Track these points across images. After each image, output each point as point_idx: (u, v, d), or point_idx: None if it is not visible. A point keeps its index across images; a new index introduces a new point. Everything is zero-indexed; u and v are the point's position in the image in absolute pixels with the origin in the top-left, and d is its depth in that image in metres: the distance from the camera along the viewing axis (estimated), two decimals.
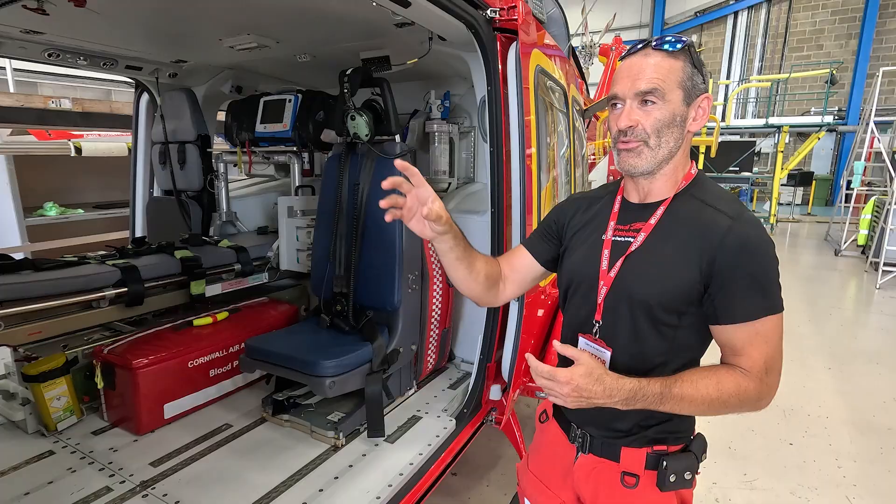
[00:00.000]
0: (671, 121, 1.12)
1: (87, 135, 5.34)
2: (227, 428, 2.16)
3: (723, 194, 1.18)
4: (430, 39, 2.24)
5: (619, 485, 1.21)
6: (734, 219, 1.09)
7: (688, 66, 1.12)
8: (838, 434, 3.43)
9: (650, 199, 1.21)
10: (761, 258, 1.08)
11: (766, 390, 1.11)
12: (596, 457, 1.25)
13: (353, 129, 2.23)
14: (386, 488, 1.79)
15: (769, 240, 1.10)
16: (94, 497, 1.69)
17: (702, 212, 1.13)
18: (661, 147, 1.13)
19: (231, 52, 2.60)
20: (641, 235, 1.17)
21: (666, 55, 1.11)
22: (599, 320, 1.22)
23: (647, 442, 1.20)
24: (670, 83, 1.10)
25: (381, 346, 2.17)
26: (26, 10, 1.91)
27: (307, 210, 2.89)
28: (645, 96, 1.10)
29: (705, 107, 1.15)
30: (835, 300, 6.76)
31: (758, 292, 1.08)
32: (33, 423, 2.06)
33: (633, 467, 1.20)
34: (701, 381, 1.08)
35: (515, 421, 2.61)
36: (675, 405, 1.08)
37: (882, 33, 15.52)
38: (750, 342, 1.10)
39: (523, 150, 2.17)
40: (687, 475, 1.19)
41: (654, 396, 1.06)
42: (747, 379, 1.09)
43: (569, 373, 1.04)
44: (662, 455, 1.19)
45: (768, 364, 1.10)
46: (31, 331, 2.06)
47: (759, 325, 1.09)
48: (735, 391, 1.08)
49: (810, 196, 15.77)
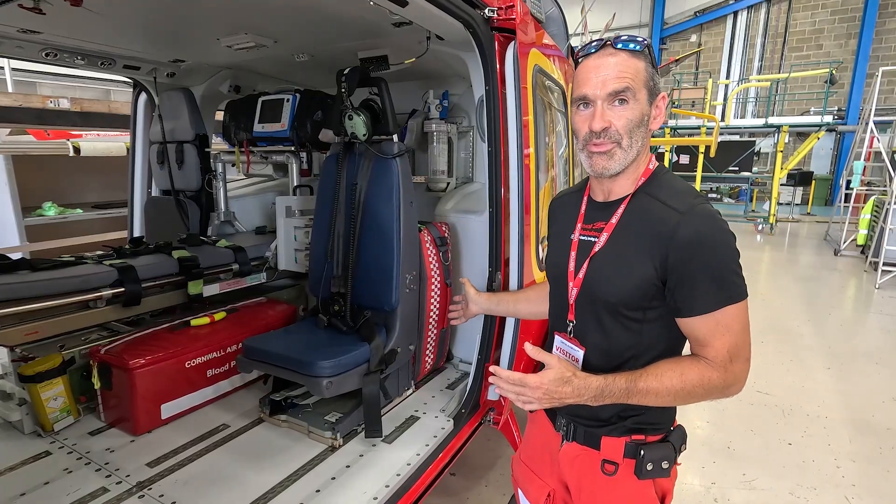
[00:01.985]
0: (640, 120, 1.14)
1: (86, 134, 5.33)
2: (224, 428, 2.15)
3: (678, 189, 1.19)
4: (428, 39, 2.24)
5: (600, 472, 1.26)
6: (683, 213, 1.11)
7: (649, 66, 1.14)
8: (837, 434, 3.43)
9: (612, 198, 1.24)
10: (712, 250, 1.09)
11: (732, 378, 1.13)
12: (579, 445, 1.30)
13: (351, 128, 2.23)
14: (383, 489, 1.78)
15: (722, 230, 1.11)
16: (90, 498, 1.68)
17: (655, 209, 1.16)
18: (633, 147, 1.15)
19: (229, 51, 2.60)
20: (604, 236, 1.22)
21: (629, 55, 1.12)
22: (573, 320, 1.28)
23: (626, 431, 1.24)
24: (638, 82, 1.12)
25: (379, 347, 2.17)
26: (23, 10, 1.90)
27: (305, 210, 2.88)
28: (618, 96, 1.11)
29: (661, 106, 1.18)
30: (834, 300, 6.76)
31: (713, 284, 1.09)
32: (30, 423, 2.05)
33: (612, 455, 1.25)
34: (665, 374, 1.12)
35: (514, 421, 2.61)
36: (642, 398, 1.12)
37: (881, 33, 15.53)
38: (711, 333, 1.12)
39: (521, 150, 2.17)
40: (664, 464, 1.23)
41: (621, 391, 1.11)
42: (711, 368, 1.12)
43: (538, 378, 1.11)
44: (640, 444, 1.23)
45: (731, 353, 1.11)
46: (28, 331, 2.05)
47: (720, 316, 1.10)
48: (699, 381, 1.11)
49: (810, 196, 15.78)
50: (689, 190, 1.19)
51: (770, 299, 6.59)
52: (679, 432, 1.29)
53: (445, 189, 2.97)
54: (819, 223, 12.97)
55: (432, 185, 2.96)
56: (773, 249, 9.91)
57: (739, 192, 15.89)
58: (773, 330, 5.40)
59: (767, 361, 4.61)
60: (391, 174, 2.22)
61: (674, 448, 1.25)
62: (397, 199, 2.21)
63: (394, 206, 2.21)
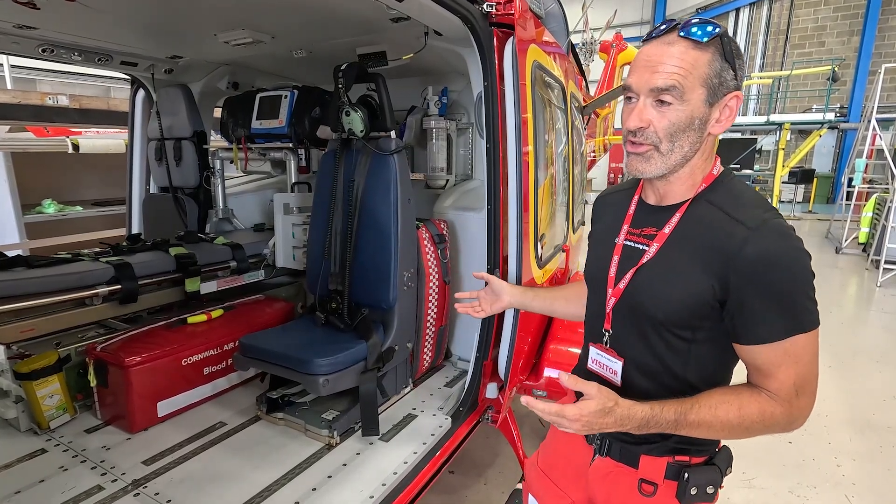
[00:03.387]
0: (688, 124, 1.00)
1: (86, 132, 5.32)
2: (220, 426, 2.15)
3: (746, 199, 1.05)
4: (426, 34, 2.22)
5: (636, 492, 1.16)
6: (752, 230, 0.97)
7: (717, 59, 0.98)
8: (838, 432, 3.42)
9: (666, 202, 1.12)
10: (782, 274, 0.96)
11: (798, 413, 1.01)
12: (614, 461, 1.20)
13: (348, 124, 2.21)
14: (380, 487, 1.77)
15: (797, 249, 0.97)
16: (84, 496, 1.67)
17: (718, 221, 1.02)
18: (674, 152, 1.02)
19: (227, 47, 2.58)
20: (654, 246, 1.09)
21: (692, 45, 0.97)
22: (609, 329, 1.17)
23: (669, 451, 1.14)
24: (692, 80, 0.97)
25: (376, 344, 2.16)
26: (18, 5, 1.90)
27: (303, 207, 2.87)
28: (661, 94, 0.98)
29: (733, 106, 1.02)
30: (835, 298, 6.74)
31: (782, 310, 0.97)
32: (26, 421, 2.04)
33: (651, 475, 1.15)
34: (721, 406, 1.01)
35: (512, 419, 2.60)
36: (692, 430, 1.02)
37: (884, 30, 15.45)
38: (776, 363, 1.00)
39: (520, 147, 2.15)
40: (709, 489, 1.14)
41: (669, 423, 1.01)
42: (774, 403, 1.01)
43: (577, 410, 0.99)
44: (684, 466, 1.13)
45: (798, 386, 1.00)
46: (24, 328, 2.05)
47: (787, 345, 0.98)
48: (759, 416, 1.00)
49: (811, 194, 15.72)
50: (759, 201, 1.05)
51: None
52: (725, 454, 1.19)
53: (444, 186, 2.96)
54: (821, 221, 12.94)
55: (431, 182, 2.95)
56: None
57: None
58: None
59: None
60: (389, 171, 2.20)
61: (720, 471, 1.15)
62: (395, 195, 2.19)
63: (391, 203, 2.19)
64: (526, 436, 2.99)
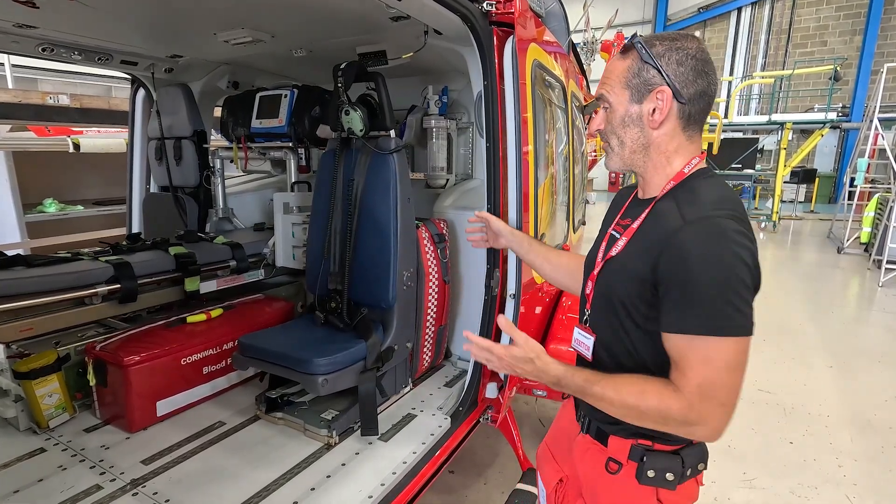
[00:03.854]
0: (621, 121, 1.16)
1: (86, 131, 5.32)
2: (219, 426, 2.14)
3: (703, 196, 1.09)
4: (426, 33, 2.22)
5: (604, 469, 1.25)
6: (688, 223, 1.03)
7: (635, 62, 1.12)
8: (839, 433, 3.41)
9: (645, 197, 1.24)
10: (702, 271, 0.99)
11: (696, 416, 1.01)
12: (591, 438, 1.31)
13: (348, 123, 2.21)
14: (379, 487, 1.77)
15: (726, 252, 0.99)
16: (83, 495, 1.67)
17: (669, 215, 1.09)
18: (624, 147, 1.18)
19: (227, 46, 2.58)
20: (624, 239, 1.21)
21: (618, 58, 1.16)
22: (589, 310, 1.30)
23: (633, 434, 1.21)
24: (614, 85, 1.15)
25: (376, 344, 2.15)
26: (17, 4, 1.89)
27: (303, 206, 2.86)
28: (601, 102, 1.19)
29: (662, 98, 1.10)
30: (837, 298, 6.73)
31: (694, 306, 1.00)
32: (25, 420, 2.04)
33: (617, 455, 1.23)
34: (626, 387, 1.08)
35: (512, 419, 2.59)
36: (596, 402, 1.12)
37: (887, 29, 15.41)
38: (685, 358, 1.03)
39: (520, 146, 2.15)
40: (669, 476, 1.18)
41: (576, 388, 1.12)
42: (674, 397, 1.03)
43: (503, 350, 1.15)
44: (646, 450, 1.20)
45: (703, 389, 1.00)
46: (23, 327, 2.05)
47: (699, 343, 1.00)
48: (656, 406, 1.04)
49: (813, 193, 15.70)
50: (714, 199, 1.07)
51: (772, 297, 6.56)
52: (696, 450, 1.21)
53: (444, 185, 2.95)
54: (822, 221, 12.92)
55: (431, 181, 2.94)
56: (776, 247, 9.87)
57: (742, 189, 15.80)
58: (774, 328, 5.38)
59: (769, 360, 4.59)
60: (388, 170, 2.20)
61: (682, 462, 1.18)
62: (394, 195, 2.19)
63: (391, 202, 2.19)
64: (526, 436, 2.98)
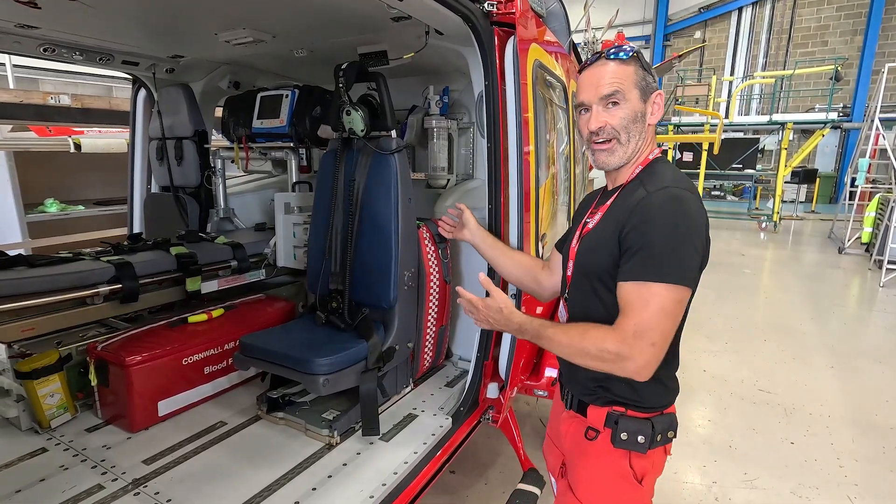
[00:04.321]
0: (633, 117, 1.29)
1: (88, 131, 5.33)
2: (221, 425, 2.14)
3: (663, 175, 1.28)
4: (427, 34, 2.22)
5: (584, 438, 1.40)
6: (650, 193, 1.23)
7: (639, 69, 1.29)
8: (840, 433, 3.40)
9: (616, 185, 1.40)
10: (655, 225, 1.18)
11: (628, 351, 1.15)
12: (573, 412, 1.45)
13: (349, 124, 2.21)
14: (380, 487, 1.77)
15: (677, 211, 1.19)
16: (85, 495, 1.67)
17: (635, 191, 1.29)
18: (630, 141, 1.30)
19: (228, 47, 2.58)
20: (597, 216, 1.38)
21: (619, 62, 1.28)
22: (568, 290, 1.47)
23: (607, 402, 1.35)
24: (628, 84, 1.28)
25: (377, 344, 2.15)
26: (19, 4, 1.90)
27: (304, 206, 2.87)
28: (609, 99, 1.28)
29: (659, 102, 1.32)
30: (838, 298, 6.72)
31: (645, 257, 1.17)
32: (27, 420, 2.05)
33: (595, 423, 1.37)
34: (572, 329, 1.25)
35: (513, 419, 2.59)
36: (547, 344, 1.29)
37: (888, 29, 15.41)
38: (629, 303, 1.18)
39: (521, 147, 2.15)
40: (639, 438, 1.31)
41: (533, 331, 1.30)
42: (613, 335, 1.17)
43: (482, 302, 1.39)
44: (619, 416, 1.33)
45: (638, 328, 1.15)
46: (25, 327, 2.05)
47: (642, 289, 1.16)
48: (592, 345, 1.18)
49: (814, 194, 15.69)
50: (673, 177, 1.27)
51: (773, 297, 6.56)
52: (666, 418, 1.35)
53: (445, 186, 2.95)
54: (823, 221, 12.91)
55: (432, 181, 2.94)
56: (776, 247, 9.87)
57: (743, 189, 15.82)
58: (775, 328, 5.37)
59: (770, 360, 4.59)
60: (389, 170, 2.20)
61: (652, 427, 1.31)
62: (395, 195, 2.19)
63: (392, 202, 2.19)
64: (527, 435, 2.99)
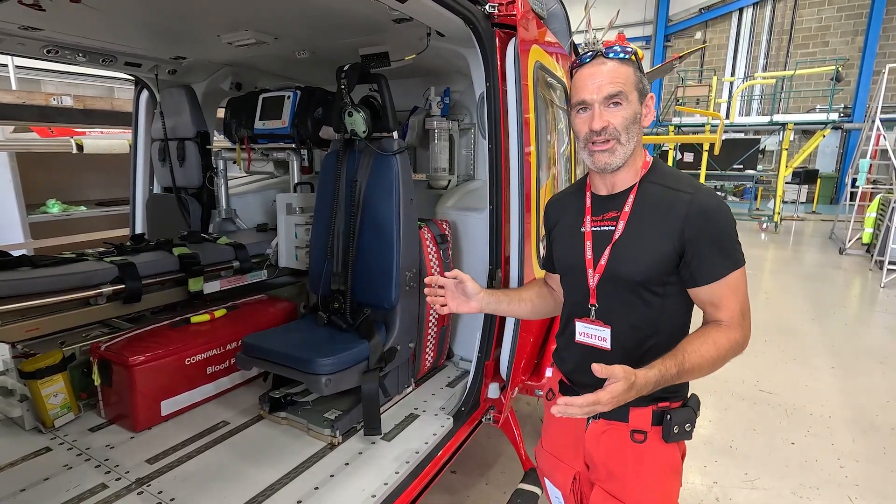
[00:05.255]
0: (633, 118, 1.28)
1: (90, 132, 5.35)
2: (223, 425, 2.16)
3: (678, 175, 1.35)
4: (429, 35, 2.23)
5: (629, 442, 1.35)
6: (692, 193, 1.27)
7: (636, 70, 1.29)
8: (841, 434, 3.41)
9: (617, 190, 1.37)
10: (721, 223, 1.25)
11: (747, 332, 1.28)
12: (606, 421, 1.37)
13: (351, 125, 2.22)
14: (382, 486, 1.78)
15: (725, 206, 1.28)
16: (89, 494, 1.68)
17: (665, 194, 1.30)
18: (630, 142, 1.29)
19: (230, 48, 2.60)
20: (621, 224, 1.33)
21: (619, 62, 1.27)
22: (595, 304, 1.38)
23: (652, 401, 1.32)
24: (629, 86, 1.27)
25: (379, 344, 2.16)
26: (23, 6, 1.91)
27: (306, 207, 2.88)
28: (613, 99, 1.25)
29: (650, 105, 1.33)
30: (838, 299, 6.71)
31: (723, 253, 1.25)
32: (30, 419, 2.06)
33: (641, 425, 1.34)
34: (703, 347, 1.22)
35: (514, 419, 2.60)
36: (690, 376, 1.23)
37: (889, 30, 15.40)
38: (726, 296, 1.27)
39: (522, 147, 2.16)
40: (687, 427, 1.35)
41: (673, 376, 1.20)
42: (732, 329, 1.26)
43: (609, 394, 1.11)
44: (666, 410, 1.33)
45: (743, 310, 1.28)
46: (29, 327, 2.05)
47: (731, 280, 1.26)
48: (728, 344, 1.24)
49: (815, 194, 15.68)
50: (687, 176, 1.36)
51: (774, 298, 6.56)
52: (695, 399, 1.41)
53: (446, 186, 2.96)
54: (824, 222, 12.90)
55: (433, 182, 2.95)
56: (777, 248, 9.86)
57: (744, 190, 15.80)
58: (776, 329, 5.37)
59: (771, 360, 4.59)
60: (391, 171, 2.21)
61: (693, 411, 1.37)
62: (397, 196, 2.20)
63: (393, 203, 2.20)
64: (528, 436, 2.99)
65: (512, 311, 1.72)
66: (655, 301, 1.31)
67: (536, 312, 1.72)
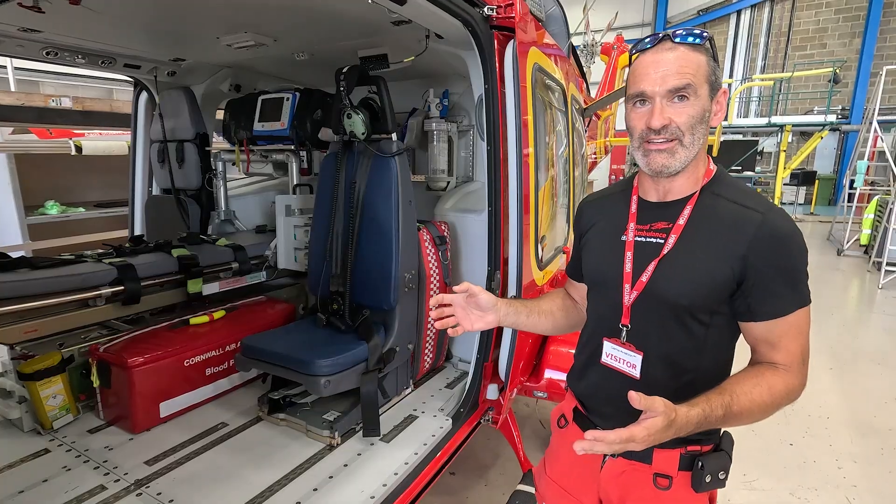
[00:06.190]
0: (701, 117, 1.08)
1: (88, 133, 5.34)
2: (222, 427, 2.16)
3: (746, 189, 1.16)
4: (427, 37, 2.24)
5: (652, 486, 1.18)
6: (764, 213, 1.07)
7: (710, 59, 1.08)
8: (839, 435, 3.41)
9: (670, 198, 1.17)
10: (794, 251, 1.07)
11: (804, 380, 1.11)
12: (626, 460, 1.20)
13: (350, 127, 2.23)
14: (380, 488, 1.78)
15: (799, 231, 1.08)
16: (87, 495, 1.69)
17: (729, 209, 1.11)
18: (694, 144, 1.09)
19: (229, 50, 2.60)
20: (672, 237, 1.13)
21: (689, 48, 1.06)
22: (627, 324, 1.19)
23: (681, 442, 1.15)
24: (700, 78, 1.06)
25: (377, 346, 2.17)
26: (22, 8, 1.91)
27: (305, 209, 2.88)
28: (678, 92, 1.06)
29: (722, 102, 1.12)
30: (837, 300, 6.73)
31: (791, 286, 1.07)
32: (29, 421, 2.06)
33: (666, 469, 1.17)
34: (755, 391, 1.05)
35: (513, 420, 2.60)
36: (736, 420, 1.05)
37: (886, 32, 15.43)
38: (787, 335, 1.09)
39: (521, 149, 2.16)
40: (721, 475, 1.17)
41: (718, 419, 1.03)
42: (790, 375, 1.09)
43: (646, 431, 0.94)
44: (697, 455, 1.16)
45: (804, 353, 1.10)
46: (27, 329, 2.06)
47: (794, 318, 1.07)
48: (785, 391, 1.08)
49: (813, 195, 15.70)
50: (757, 193, 1.18)
51: None
52: (728, 438, 1.22)
53: (445, 188, 2.97)
54: (822, 223, 12.92)
55: (432, 184, 2.96)
56: None
57: None
58: None
59: None
60: (390, 173, 2.21)
61: (728, 456, 1.19)
62: (396, 197, 2.21)
63: (392, 204, 2.21)
64: (527, 437, 3.00)
65: (532, 325, 1.50)
66: (699, 331, 1.12)
67: (558, 328, 1.52)
